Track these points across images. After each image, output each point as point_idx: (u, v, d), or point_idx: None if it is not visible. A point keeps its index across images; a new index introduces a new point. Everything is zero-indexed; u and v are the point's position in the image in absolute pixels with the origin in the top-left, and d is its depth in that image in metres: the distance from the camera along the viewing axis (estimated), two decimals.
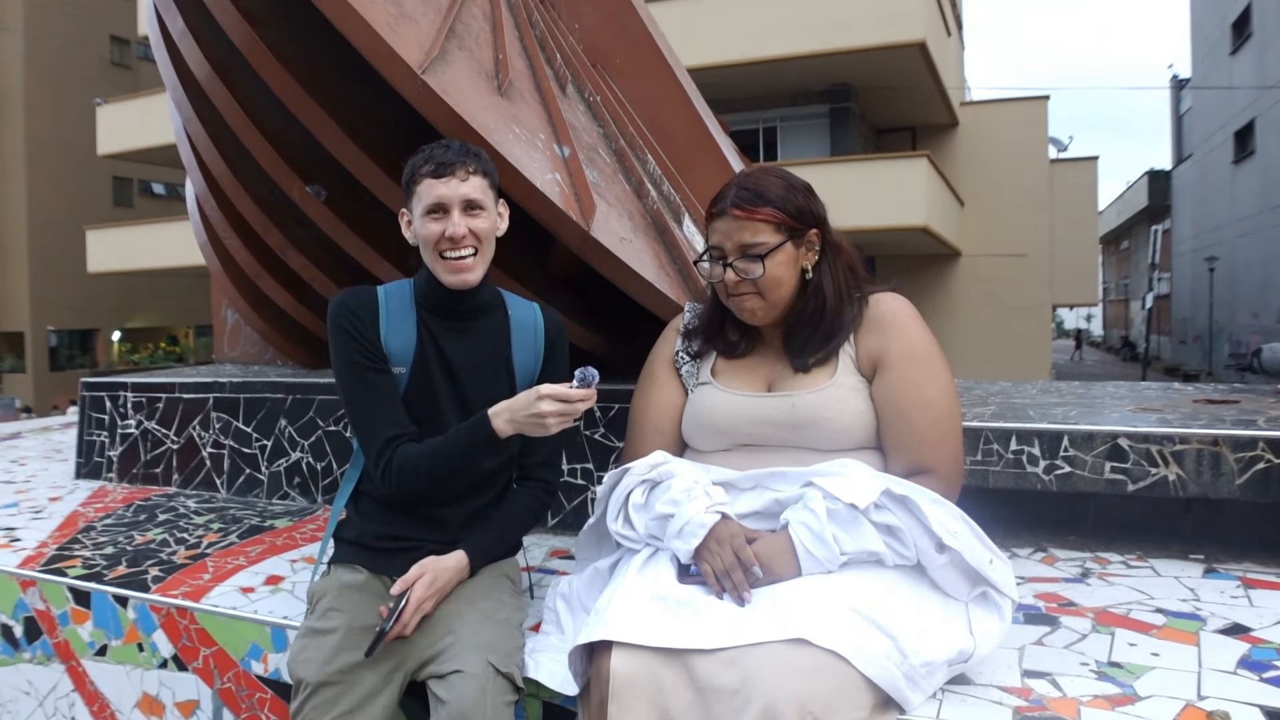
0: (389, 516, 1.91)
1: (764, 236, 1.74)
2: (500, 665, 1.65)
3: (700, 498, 1.65)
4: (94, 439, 3.77)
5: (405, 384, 1.88)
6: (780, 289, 1.77)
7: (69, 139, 27.21)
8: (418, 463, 1.80)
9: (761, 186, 1.76)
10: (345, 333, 1.86)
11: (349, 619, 1.75)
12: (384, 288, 1.95)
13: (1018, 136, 17.99)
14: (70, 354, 29.47)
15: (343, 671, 1.68)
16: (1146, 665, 1.67)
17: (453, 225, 1.80)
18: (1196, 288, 28.51)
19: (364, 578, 1.86)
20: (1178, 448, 2.31)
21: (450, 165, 1.80)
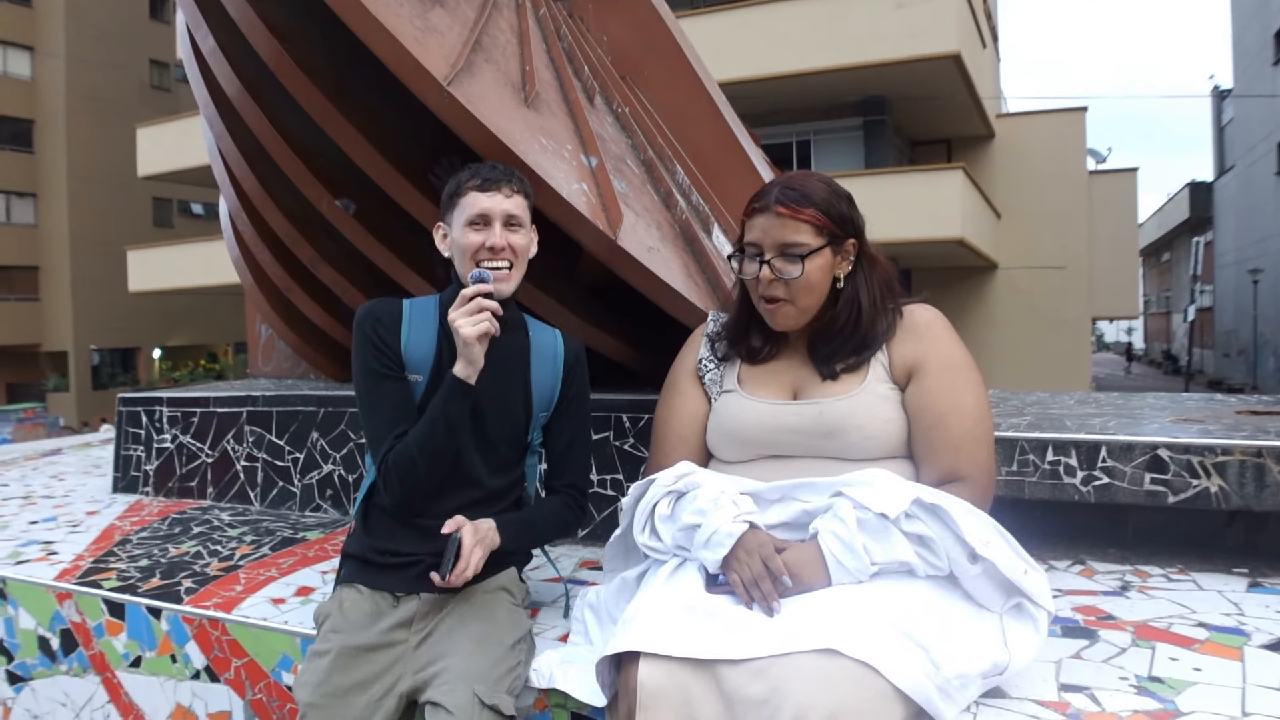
0: (392, 530, 1.92)
1: (805, 237, 1.73)
2: (486, 697, 1.64)
3: (727, 506, 1.63)
4: (131, 454, 3.81)
5: (422, 392, 1.92)
6: (812, 294, 1.76)
7: (110, 161, 27.74)
8: (407, 446, 1.84)
9: (807, 188, 1.75)
10: (367, 339, 1.91)
11: (343, 640, 1.78)
12: (410, 300, 2.01)
13: (1055, 148, 17.80)
14: (112, 372, 29.95)
15: (332, 695, 1.69)
16: (1188, 680, 1.62)
17: (494, 236, 1.88)
18: (1240, 300, 28.03)
19: (365, 595, 1.88)
20: (1220, 459, 2.26)
21: (496, 181, 1.89)
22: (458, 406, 1.82)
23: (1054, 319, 17.32)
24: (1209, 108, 34.65)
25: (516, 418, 1.97)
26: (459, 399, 1.82)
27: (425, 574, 1.86)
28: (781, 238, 1.73)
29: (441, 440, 1.83)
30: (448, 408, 1.82)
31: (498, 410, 1.93)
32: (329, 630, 1.82)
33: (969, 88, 14.90)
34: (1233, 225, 29.98)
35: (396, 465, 1.84)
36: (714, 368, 1.92)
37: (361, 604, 1.86)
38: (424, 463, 1.83)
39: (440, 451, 1.84)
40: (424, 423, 1.84)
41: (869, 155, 15.99)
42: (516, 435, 2.00)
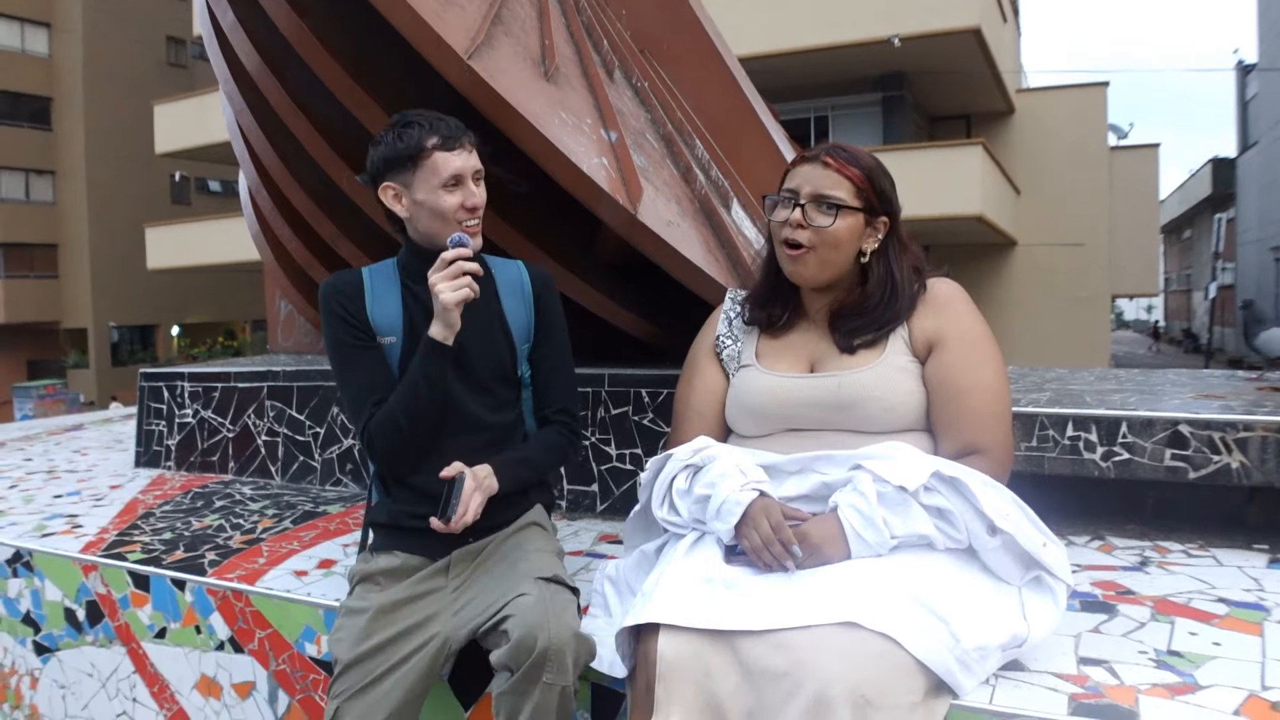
0: (414, 495, 1.93)
1: (843, 193, 1.74)
2: (545, 574, 1.72)
3: (735, 476, 1.64)
4: (153, 429, 3.84)
5: (399, 353, 1.92)
6: (837, 251, 1.76)
7: (127, 138, 27.79)
8: (390, 411, 1.85)
9: (857, 153, 1.78)
10: (332, 313, 1.93)
11: (382, 596, 1.80)
12: (368, 268, 2.01)
13: (1076, 124, 17.60)
14: (131, 349, 30.16)
15: (374, 649, 1.72)
16: (1208, 655, 1.62)
17: (473, 196, 1.89)
18: (1262, 278, 27.75)
19: (400, 561, 1.89)
20: (1241, 435, 2.25)
21: (457, 138, 1.87)
22: (437, 367, 1.83)
23: (1073, 296, 17.19)
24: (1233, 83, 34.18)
25: (501, 355, 1.98)
26: (437, 360, 1.83)
27: (457, 537, 1.88)
28: (821, 188, 1.74)
29: (425, 401, 1.84)
30: (428, 369, 1.83)
31: (482, 353, 1.94)
32: (363, 590, 1.84)
33: (989, 62, 14.75)
34: (1255, 202, 29.62)
35: (380, 430, 1.86)
36: (732, 344, 1.92)
37: (399, 568, 1.88)
38: (408, 425, 1.84)
39: (424, 412, 1.85)
40: (404, 386, 1.85)
41: (887, 131, 15.87)
42: (505, 372, 2.00)
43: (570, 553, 2.42)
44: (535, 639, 1.58)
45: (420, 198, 1.87)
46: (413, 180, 1.87)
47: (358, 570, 1.90)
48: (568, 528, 2.69)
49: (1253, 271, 29.94)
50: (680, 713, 1.43)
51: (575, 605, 1.72)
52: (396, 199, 1.91)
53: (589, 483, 2.84)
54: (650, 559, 1.81)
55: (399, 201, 1.90)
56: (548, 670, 1.58)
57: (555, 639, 1.59)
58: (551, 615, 1.63)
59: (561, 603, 1.68)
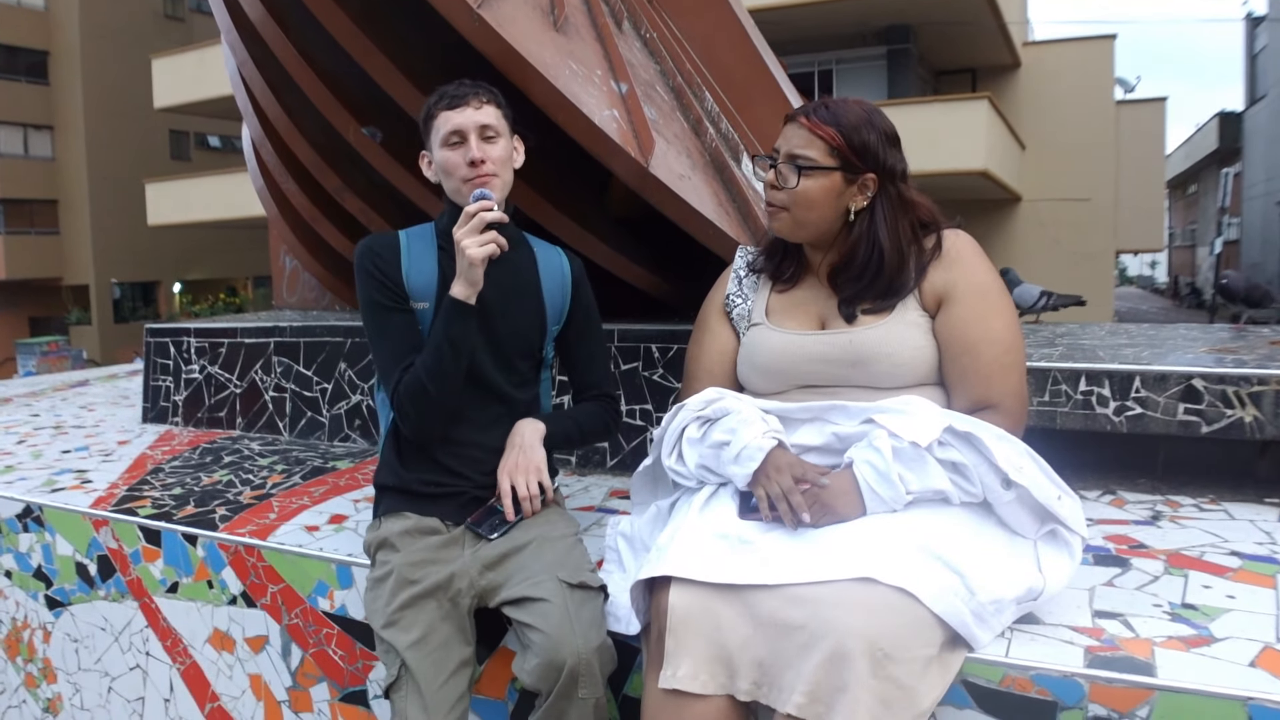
0: (426, 463, 1.93)
1: (814, 153, 1.72)
2: (571, 578, 1.69)
3: (757, 423, 1.64)
4: (159, 384, 3.84)
5: (430, 318, 1.91)
6: (810, 211, 1.74)
7: (125, 93, 27.50)
8: (415, 373, 1.84)
9: (839, 109, 1.74)
10: (368, 274, 1.91)
11: (402, 557, 1.80)
12: (406, 231, 2.00)
13: (1082, 77, 17.41)
14: (133, 306, 30.11)
15: (403, 608, 1.72)
16: (1222, 608, 1.62)
17: (472, 150, 1.86)
18: (1268, 233, 27.60)
19: (413, 521, 1.88)
20: (1255, 389, 2.24)
21: (463, 96, 1.88)
22: (460, 327, 1.82)
23: (1078, 252, 17.11)
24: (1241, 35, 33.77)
25: (530, 332, 1.98)
26: (460, 320, 1.81)
27: (470, 504, 1.90)
28: (793, 148, 1.74)
29: (449, 363, 1.82)
30: (450, 329, 1.81)
31: (512, 325, 1.94)
32: (384, 555, 1.84)
33: (995, 14, 14.57)
34: (1262, 156, 29.37)
35: (409, 393, 1.85)
36: (742, 303, 1.91)
37: (413, 528, 1.87)
38: (434, 387, 1.83)
39: (447, 373, 1.83)
40: (429, 348, 1.84)
41: (892, 85, 15.71)
42: (531, 349, 2.00)
43: (581, 508, 2.43)
44: (563, 659, 1.57)
45: (436, 157, 1.91)
46: (430, 143, 1.92)
47: (372, 539, 1.90)
48: (578, 483, 2.69)
49: (1258, 226, 29.78)
50: (690, 663, 1.44)
51: (601, 611, 1.70)
52: (429, 166, 1.95)
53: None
54: (665, 515, 1.81)
55: (430, 167, 1.95)
56: (581, 686, 1.58)
57: (583, 655, 1.59)
58: (577, 631, 1.61)
59: (587, 613, 1.65)
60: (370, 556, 1.89)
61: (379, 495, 1.99)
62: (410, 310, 1.91)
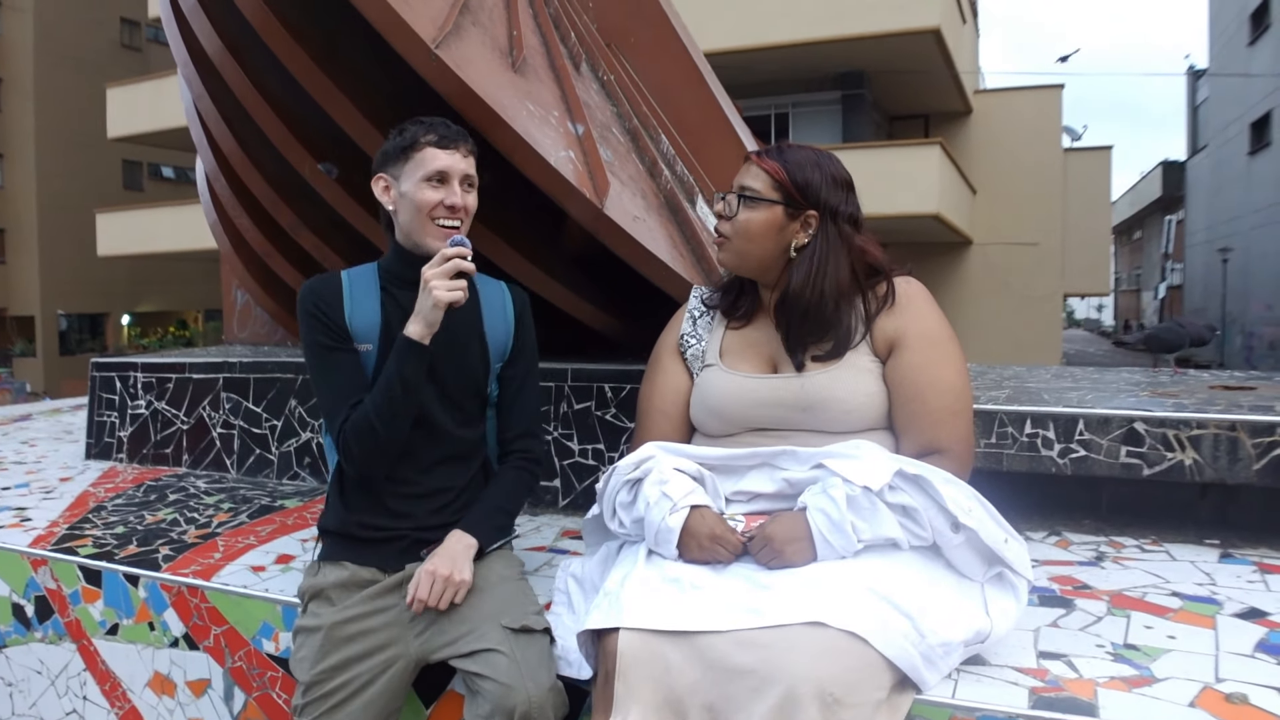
0: (369, 504, 1.90)
1: (758, 185, 1.78)
2: (514, 623, 1.69)
3: (661, 503, 1.65)
4: (104, 420, 3.77)
5: (374, 360, 1.89)
6: (751, 242, 1.79)
7: (78, 122, 27.18)
8: (363, 412, 1.81)
9: (788, 150, 1.81)
10: (311, 316, 1.89)
11: (334, 613, 1.78)
12: (348, 271, 1.97)
13: (1031, 125, 17.84)
14: (80, 338, 29.55)
15: (334, 668, 1.71)
16: (1163, 648, 1.65)
17: (455, 195, 1.87)
18: (1210, 279, 28.33)
19: (349, 573, 1.85)
20: (1194, 432, 2.29)
21: (454, 139, 1.88)
22: (413, 368, 1.79)
23: (1027, 295, 17.44)
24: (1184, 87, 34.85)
25: (475, 371, 1.96)
26: (414, 360, 1.79)
27: (410, 549, 1.87)
28: (742, 180, 1.81)
29: (399, 403, 1.80)
30: (403, 370, 1.79)
31: (457, 366, 1.92)
32: (316, 606, 1.82)
33: (948, 63, 14.90)
34: (1205, 204, 30.23)
35: (355, 432, 1.81)
36: (695, 343, 1.93)
37: (348, 580, 1.84)
38: (383, 427, 1.80)
39: (398, 414, 1.81)
40: (379, 387, 1.81)
41: (847, 129, 15.97)
42: (477, 388, 1.98)
43: (533, 548, 2.42)
44: (514, 705, 1.57)
45: (405, 189, 1.87)
46: (402, 171, 1.88)
47: (307, 587, 1.87)
48: (530, 523, 2.68)
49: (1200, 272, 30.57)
50: (639, 709, 1.43)
51: (548, 652, 1.70)
52: (385, 190, 1.91)
53: (551, 478, 2.82)
54: (613, 555, 1.81)
55: (387, 193, 1.91)
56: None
57: (535, 699, 1.59)
58: (527, 675, 1.61)
59: (534, 657, 1.65)
60: (303, 604, 1.86)
61: (321, 538, 1.96)
62: (353, 350, 1.89)
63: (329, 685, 1.70)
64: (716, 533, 1.60)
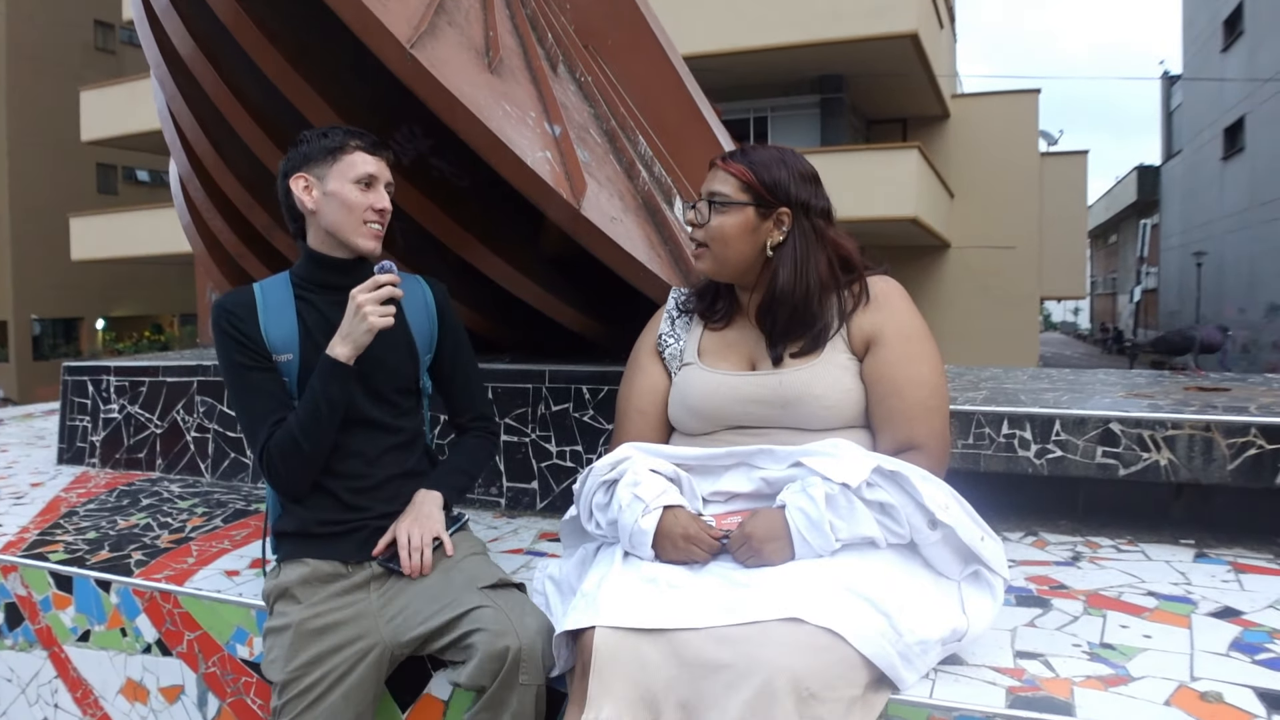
0: (324, 503, 1.90)
1: (727, 189, 1.79)
2: (488, 582, 1.73)
3: (634, 505, 1.65)
4: (76, 424, 3.72)
5: (296, 369, 1.89)
6: (727, 246, 1.79)
7: (52, 125, 26.92)
8: (288, 429, 1.82)
9: (751, 151, 1.82)
10: (225, 334, 1.89)
11: (301, 611, 1.77)
12: (259, 284, 1.98)
13: (1008, 129, 17.97)
14: (54, 343, 29.25)
15: (307, 664, 1.71)
16: (1139, 647, 1.66)
17: (384, 199, 1.91)
18: (1184, 282, 28.63)
19: (310, 568, 1.85)
20: (1170, 433, 2.30)
21: (379, 147, 1.93)
22: (339, 388, 1.81)
23: (1004, 298, 17.55)
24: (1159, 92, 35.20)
25: (403, 367, 1.98)
26: (339, 381, 1.81)
27: (371, 539, 1.88)
28: (710, 186, 1.82)
29: (325, 421, 1.81)
30: (329, 390, 1.80)
31: (383, 365, 1.93)
32: (282, 606, 1.81)
33: (925, 67, 14.98)
34: (1179, 209, 30.56)
35: (280, 450, 1.82)
36: (674, 343, 1.93)
37: (311, 575, 1.84)
38: (308, 444, 1.81)
39: (323, 430, 1.82)
40: (304, 406, 1.82)
41: (825, 133, 16.04)
42: (407, 383, 2.00)
43: (510, 550, 2.40)
44: (506, 647, 1.59)
45: (332, 188, 1.87)
46: (327, 172, 1.88)
47: (271, 588, 1.86)
48: (507, 525, 2.66)
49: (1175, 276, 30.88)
50: (613, 705, 1.42)
51: (527, 600, 1.74)
52: (306, 190, 1.90)
53: (529, 480, 2.81)
54: (590, 558, 1.80)
55: (309, 193, 1.90)
56: (523, 672, 1.60)
57: (525, 640, 1.61)
58: (514, 620, 1.64)
59: (518, 603, 1.69)
60: (269, 606, 1.86)
61: (278, 542, 1.95)
62: (272, 367, 1.89)
63: (304, 682, 1.69)
64: (690, 533, 1.60)
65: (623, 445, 1.79)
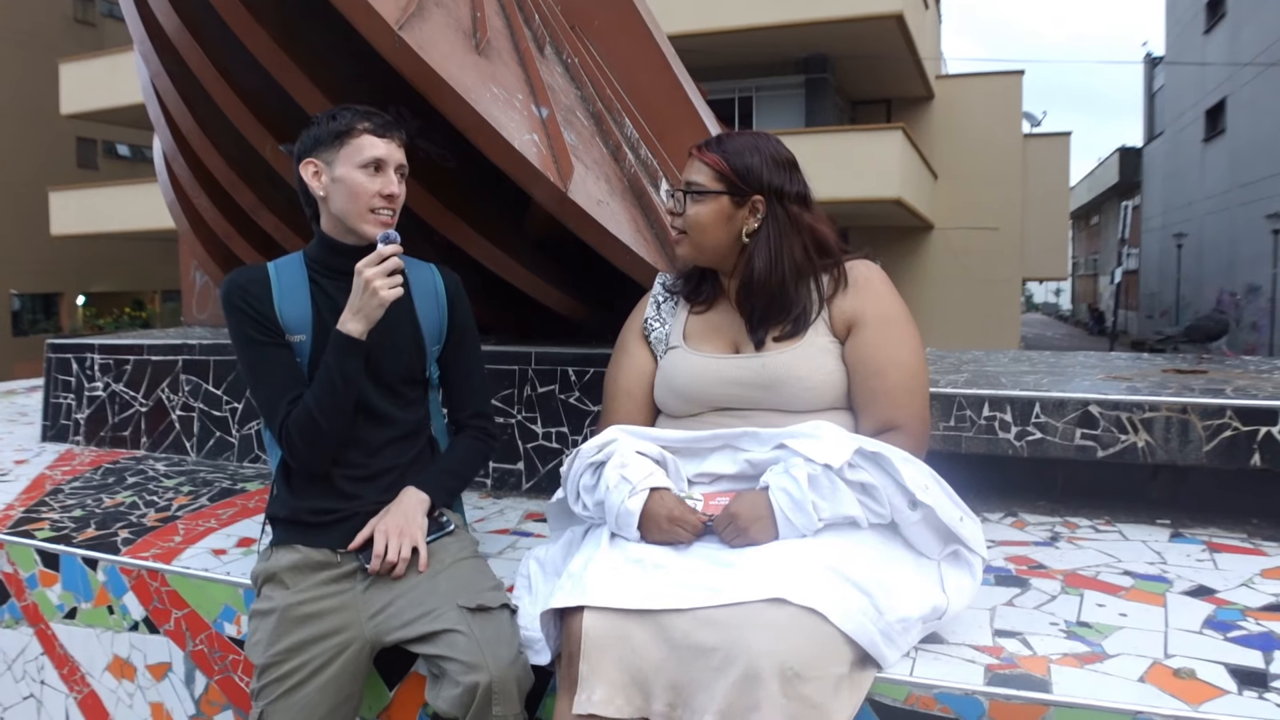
0: (319, 489, 1.90)
1: (701, 179, 1.81)
2: (469, 603, 1.69)
3: (621, 486, 1.67)
4: (60, 402, 3.71)
5: (308, 350, 1.88)
6: (704, 234, 1.82)
7: (30, 98, 26.51)
8: (305, 408, 1.81)
9: (726, 140, 1.84)
10: (239, 310, 1.86)
11: (287, 596, 1.78)
12: (274, 263, 1.95)
13: (992, 111, 18.02)
14: (33, 319, 28.96)
15: (288, 651, 1.71)
16: (1115, 625, 1.69)
17: (392, 184, 1.86)
18: (1164, 263, 28.83)
19: (301, 555, 1.85)
20: (1147, 415, 2.34)
21: (390, 127, 1.87)
22: (353, 363, 1.80)
23: (986, 279, 17.65)
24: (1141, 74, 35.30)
25: (411, 356, 1.96)
26: (353, 356, 1.79)
27: (361, 527, 1.86)
28: (687, 176, 1.84)
29: (341, 397, 1.80)
30: (343, 365, 1.79)
31: (391, 354, 1.92)
32: (269, 589, 1.81)
33: (910, 48, 14.99)
34: (1160, 190, 30.74)
35: (299, 428, 1.81)
36: (660, 326, 1.95)
37: (301, 562, 1.84)
38: (325, 422, 1.80)
39: (340, 407, 1.81)
40: (319, 382, 1.80)
41: (810, 113, 16.04)
42: (413, 374, 1.98)
43: (496, 531, 2.42)
44: (476, 683, 1.57)
45: (339, 173, 1.83)
46: (335, 157, 1.84)
47: (260, 571, 1.86)
48: (494, 505, 2.68)
49: (1156, 257, 31.08)
50: (605, 688, 1.45)
51: (509, 628, 1.69)
52: (316, 175, 1.86)
53: (515, 461, 2.83)
54: (578, 540, 1.82)
55: (318, 179, 1.86)
56: (496, 704, 1.58)
57: (497, 674, 1.59)
58: (488, 651, 1.61)
59: (494, 633, 1.66)
60: (256, 588, 1.86)
61: (271, 526, 1.95)
62: (286, 344, 1.87)
63: (284, 668, 1.70)
64: (675, 514, 1.63)
65: (610, 428, 1.81)
